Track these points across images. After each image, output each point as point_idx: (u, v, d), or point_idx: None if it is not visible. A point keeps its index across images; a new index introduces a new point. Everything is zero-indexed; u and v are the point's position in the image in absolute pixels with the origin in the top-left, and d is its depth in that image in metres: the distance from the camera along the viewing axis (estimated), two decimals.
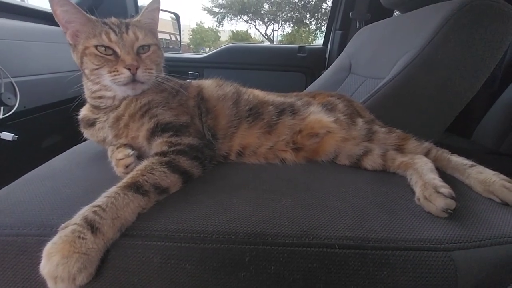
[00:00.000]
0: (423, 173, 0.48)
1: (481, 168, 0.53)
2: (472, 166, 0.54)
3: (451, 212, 0.41)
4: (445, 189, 0.42)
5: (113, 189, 0.39)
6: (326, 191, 0.48)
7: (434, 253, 0.37)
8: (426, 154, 0.59)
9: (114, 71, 0.52)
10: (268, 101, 0.66)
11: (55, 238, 0.33)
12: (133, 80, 0.53)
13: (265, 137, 0.61)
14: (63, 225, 0.35)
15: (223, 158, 0.60)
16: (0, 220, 0.39)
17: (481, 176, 0.50)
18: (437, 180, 0.45)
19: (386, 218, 0.41)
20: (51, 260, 0.32)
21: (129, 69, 0.52)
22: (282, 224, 0.39)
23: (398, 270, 0.36)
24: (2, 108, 0.86)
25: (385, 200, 0.46)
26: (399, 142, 0.62)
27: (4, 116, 0.86)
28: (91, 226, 0.34)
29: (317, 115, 0.64)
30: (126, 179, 0.41)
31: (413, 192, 0.47)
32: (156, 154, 0.48)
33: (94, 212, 0.35)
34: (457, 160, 0.57)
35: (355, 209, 0.43)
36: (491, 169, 0.59)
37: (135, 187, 0.40)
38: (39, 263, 0.33)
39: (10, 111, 0.87)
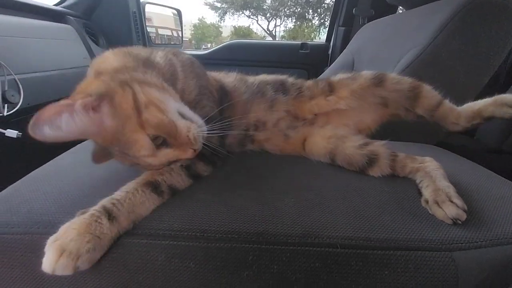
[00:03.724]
0: (437, 178, 0.47)
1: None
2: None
3: (460, 223, 0.40)
4: (459, 200, 0.42)
5: (132, 184, 0.41)
6: (329, 190, 0.48)
7: (435, 254, 0.37)
8: (440, 102, 0.58)
9: None
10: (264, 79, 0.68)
11: (73, 220, 0.35)
12: None
13: (269, 112, 0.63)
14: (81, 211, 0.37)
15: (244, 132, 0.61)
16: (7, 218, 0.40)
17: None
18: (452, 190, 0.44)
19: (388, 218, 0.42)
20: (66, 235, 0.33)
21: None
22: (285, 224, 0.40)
23: (399, 270, 0.37)
24: (6, 105, 0.86)
25: (387, 199, 0.46)
26: (415, 82, 0.59)
27: (8, 113, 0.86)
28: (109, 214, 0.36)
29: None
30: (145, 175, 0.43)
31: (419, 193, 0.47)
32: None
33: (113, 203, 0.37)
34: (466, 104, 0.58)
35: (357, 208, 0.43)
36: (494, 167, 0.59)
37: (153, 186, 0.41)
38: None
39: (14, 108, 0.88)
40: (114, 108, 0.40)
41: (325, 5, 13.90)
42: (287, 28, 15.97)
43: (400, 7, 1.62)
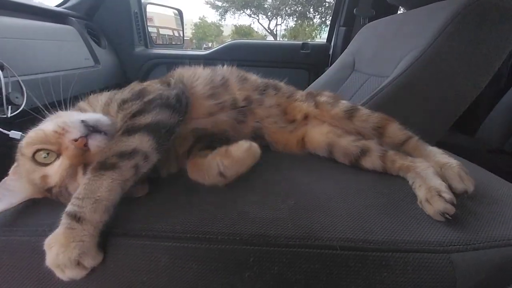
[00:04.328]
0: (428, 178, 0.48)
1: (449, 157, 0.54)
2: (443, 153, 0.56)
3: (450, 218, 0.41)
4: (448, 194, 0.43)
5: (85, 176, 0.39)
6: (328, 192, 0.49)
7: (433, 255, 0.38)
8: (406, 140, 0.60)
9: None
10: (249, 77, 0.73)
11: (54, 232, 0.35)
12: None
13: (261, 95, 0.68)
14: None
15: (233, 104, 0.63)
16: (14, 221, 0.41)
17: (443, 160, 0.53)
18: (443, 186, 0.45)
19: (387, 220, 0.42)
20: (51, 251, 0.34)
21: None
22: (285, 226, 0.40)
23: (397, 272, 0.37)
24: (10, 107, 0.87)
25: (386, 202, 0.46)
26: (381, 122, 0.62)
27: (11, 114, 0.87)
28: (74, 217, 0.35)
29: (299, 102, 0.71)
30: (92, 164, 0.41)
31: (415, 195, 0.48)
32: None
33: (72, 204, 0.36)
34: (433, 148, 0.58)
35: (357, 210, 0.44)
36: (494, 168, 0.60)
37: (100, 165, 0.39)
38: None
39: (18, 109, 0.89)
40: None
41: (326, 3, 13.85)
42: (288, 27, 15.94)
43: (401, 7, 1.62)
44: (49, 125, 0.44)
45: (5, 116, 0.85)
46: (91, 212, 0.35)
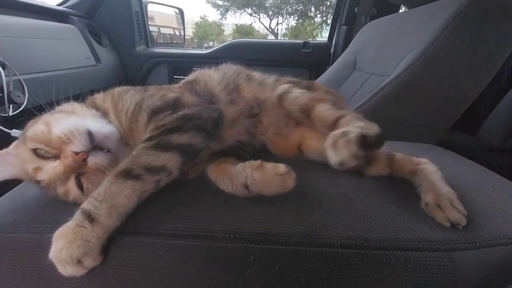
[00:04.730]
0: (436, 182, 0.47)
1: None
2: (360, 121, 0.51)
3: (460, 228, 0.41)
4: (461, 206, 0.43)
5: (107, 178, 0.39)
6: (329, 191, 0.49)
7: (434, 254, 0.38)
8: (337, 120, 0.55)
9: None
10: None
11: (65, 224, 0.35)
12: None
13: (264, 91, 0.65)
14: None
15: (248, 112, 0.61)
16: (16, 218, 0.41)
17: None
18: (454, 195, 0.45)
19: (388, 218, 0.42)
20: (57, 244, 0.34)
21: None
22: (286, 224, 0.40)
23: (398, 270, 0.37)
24: (11, 105, 0.88)
25: (387, 201, 0.46)
26: (307, 103, 0.58)
27: (13, 113, 0.88)
28: (88, 216, 0.35)
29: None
30: (118, 167, 0.40)
31: (418, 196, 0.47)
32: (144, 141, 0.44)
33: (89, 202, 0.36)
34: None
35: (358, 209, 0.44)
36: (496, 167, 0.59)
37: (125, 173, 0.38)
38: None
39: (19, 108, 0.89)
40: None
41: (328, 2, 13.82)
42: (289, 26, 15.92)
43: (403, 6, 1.62)
44: (57, 125, 0.43)
45: (7, 115, 0.86)
46: (106, 216, 0.36)
